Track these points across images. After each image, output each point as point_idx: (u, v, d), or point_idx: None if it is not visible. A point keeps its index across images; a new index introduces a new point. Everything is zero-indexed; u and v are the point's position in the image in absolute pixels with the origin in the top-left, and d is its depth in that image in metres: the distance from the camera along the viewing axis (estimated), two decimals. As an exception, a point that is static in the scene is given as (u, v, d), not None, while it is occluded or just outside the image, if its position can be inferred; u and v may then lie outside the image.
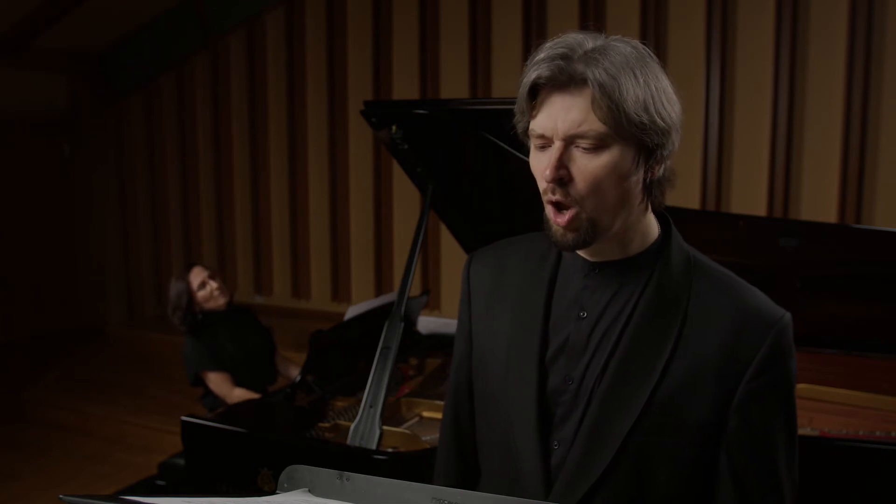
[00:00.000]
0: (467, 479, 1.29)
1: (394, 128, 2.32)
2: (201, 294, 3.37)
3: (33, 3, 5.50)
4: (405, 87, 5.69)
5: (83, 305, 6.71)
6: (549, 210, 1.08)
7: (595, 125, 1.01)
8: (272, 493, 0.96)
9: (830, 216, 4.55)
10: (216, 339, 3.37)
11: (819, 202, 4.63)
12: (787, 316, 1.09)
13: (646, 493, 1.08)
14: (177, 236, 6.90)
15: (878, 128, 4.47)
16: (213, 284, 3.40)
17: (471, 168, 2.63)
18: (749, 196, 4.77)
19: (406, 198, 5.72)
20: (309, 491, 0.96)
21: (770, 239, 2.73)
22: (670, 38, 4.90)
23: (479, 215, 2.77)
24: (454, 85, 5.50)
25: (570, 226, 1.06)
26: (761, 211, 4.72)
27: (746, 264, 2.86)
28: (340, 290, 6.20)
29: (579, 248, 1.10)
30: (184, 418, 2.39)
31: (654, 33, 4.89)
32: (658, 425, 1.06)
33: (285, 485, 0.97)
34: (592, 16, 5.05)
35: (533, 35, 5.16)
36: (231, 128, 6.50)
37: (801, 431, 2.35)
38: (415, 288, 4.27)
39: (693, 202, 4.88)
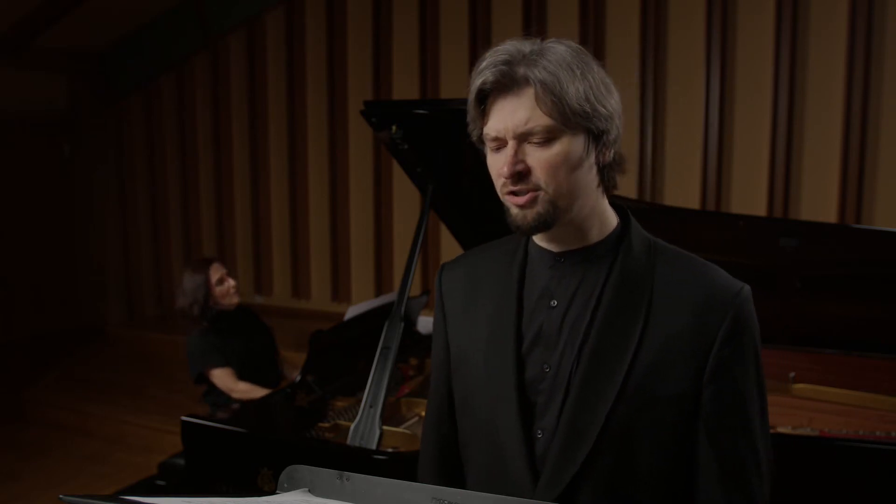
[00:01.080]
0: (452, 481, 1.30)
1: (394, 128, 2.32)
2: (219, 289, 3.36)
3: (33, 3, 5.50)
4: (405, 87, 5.69)
5: (83, 305, 6.71)
6: (507, 199, 1.13)
7: (542, 120, 1.08)
8: (272, 493, 0.96)
9: (830, 216, 4.55)
10: (222, 337, 3.36)
11: (819, 202, 4.63)
12: (746, 288, 1.15)
13: (632, 474, 1.12)
14: (177, 236, 6.90)
15: (878, 128, 4.47)
16: (230, 282, 3.40)
17: (471, 168, 2.63)
18: (749, 196, 4.77)
19: (406, 198, 5.72)
20: (309, 491, 0.96)
21: (770, 239, 2.73)
22: (670, 38, 4.90)
23: (479, 215, 2.77)
24: (454, 85, 5.50)
25: (529, 204, 1.11)
26: (761, 211, 4.72)
27: (746, 264, 2.87)
28: (340, 290, 6.20)
29: (541, 230, 1.14)
30: (184, 418, 2.38)
31: (654, 33, 4.89)
32: (636, 404, 1.10)
33: (285, 485, 0.97)
34: (592, 16, 5.05)
35: (533, 35, 5.14)
36: (231, 128, 6.50)
37: (800, 431, 2.36)
38: (415, 288, 4.28)
39: (693, 202, 4.88)
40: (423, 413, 2.58)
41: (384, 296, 3.79)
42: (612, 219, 1.20)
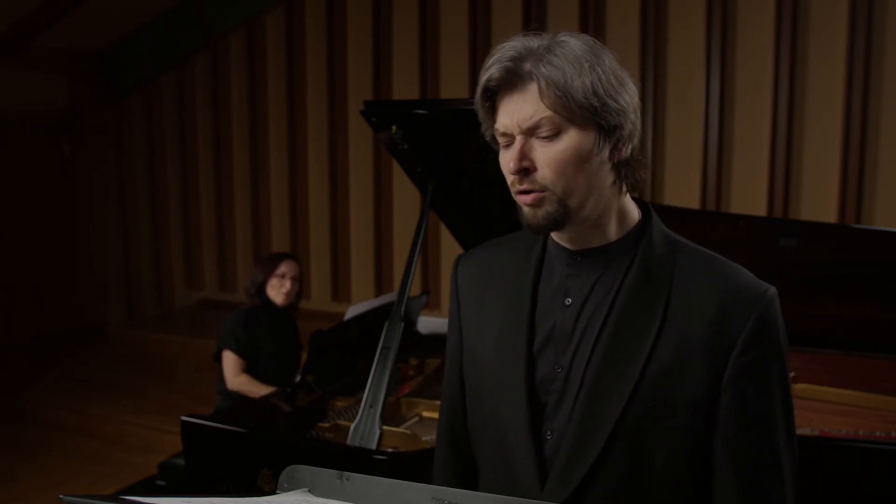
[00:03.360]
0: (465, 475, 1.29)
1: (394, 128, 2.32)
2: (274, 281, 3.43)
3: (33, 3, 5.50)
4: (405, 87, 5.69)
5: (83, 305, 6.71)
6: (518, 198, 1.12)
7: (546, 113, 1.05)
8: (272, 493, 0.96)
9: (830, 216, 4.55)
10: (256, 329, 3.42)
11: (819, 202, 4.63)
12: (772, 290, 1.10)
13: (643, 476, 1.08)
14: (177, 236, 6.90)
15: (878, 128, 4.47)
16: (287, 284, 3.45)
17: (471, 168, 2.63)
18: (749, 196, 4.78)
19: (406, 198, 5.72)
20: (309, 491, 0.96)
21: (770, 239, 2.73)
22: (670, 38, 4.90)
23: (479, 215, 2.77)
24: (454, 85, 5.50)
25: (537, 202, 1.09)
26: (761, 211, 4.72)
27: (746, 264, 2.87)
28: (340, 290, 6.20)
29: (553, 229, 1.11)
30: (184, 418, 2.38)
31: (654, 33, 4.89)
32: (649, 406, 1.07)
33: (285, 485, 0.97)
34: (592, 16, 5.06)
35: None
36: (231, 128, 6.50)
37: (800, 431, 2.36)
38: (415, 288, 4.28)
39: (693, 202, 4.88)
40: (424, 413, 2.58)
41: (384, 296, 3.79)
42: (633, 215, 1.16)
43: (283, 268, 3.44)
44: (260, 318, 3.44)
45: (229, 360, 3.37)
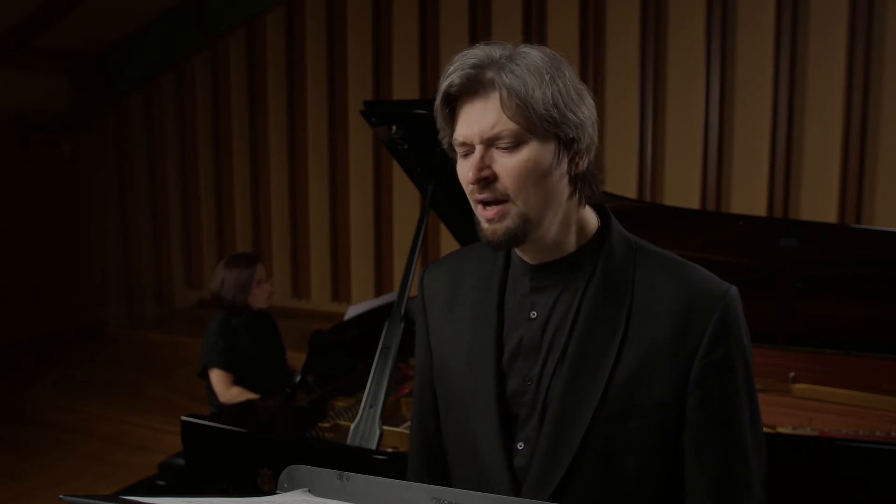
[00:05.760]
0: (438, 482, 1.29)
1: (394, 128, 2.32)
2: (257, 290, 3.37)
3: (33, 3, 5.50)
4: (405, 87, 5.69)
5: (83, 305, 6.71)
6: (477, 210, 1.11)
7: (508, 124, 1.05)
8: (272, 493, 0.96)
9: (830, 216, 4.55)
10: (238, 336, 3.37)
11: (819, 202, 4.63)
12: (733, 290, 1.11)
13: (615, 482, 1.10)
14: (177, 236, 6.90)
15: (878, 128, 4.47)
16: (268, 287, 3.42)
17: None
18: (749, 196, 4.77)
19: (406, 198, 5.72)
20: (309, 491, 0.96)
21: (770, 239, 2.73)
22: (670, 38, 4.90)
23: (479, 215, 2.76)
24: (454, 85, 5.49)
25: (498, 217, 1.08)
26: (761, 211, 4.72)
27: (746, 264, 2.87)
28: (340, 290, 6.20)
29: (512, 244, 1.11)
30: (184, 418, 2.39)
31: (654, 33, 4.89)
32: (618, 413, 1.08)
33: (285, 485, 0.97)
34: (592, 16, 5.05)
35: (533, 35, 5.16)
36: (231, 128, 6.50)
37: (800, 431, 2.36)
38: (415, 288, 4.26)
39: (693, 202, 4.88)
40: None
41: (384, 296, 3.79)
42: (592, 224, 1.16)
43: (258, 275, 3.37)
44: (236, 325, 3.37)
45: (217, 376, 3.30)
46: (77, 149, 6.68)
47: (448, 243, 5.29)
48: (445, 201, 2.70)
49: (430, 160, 2.47)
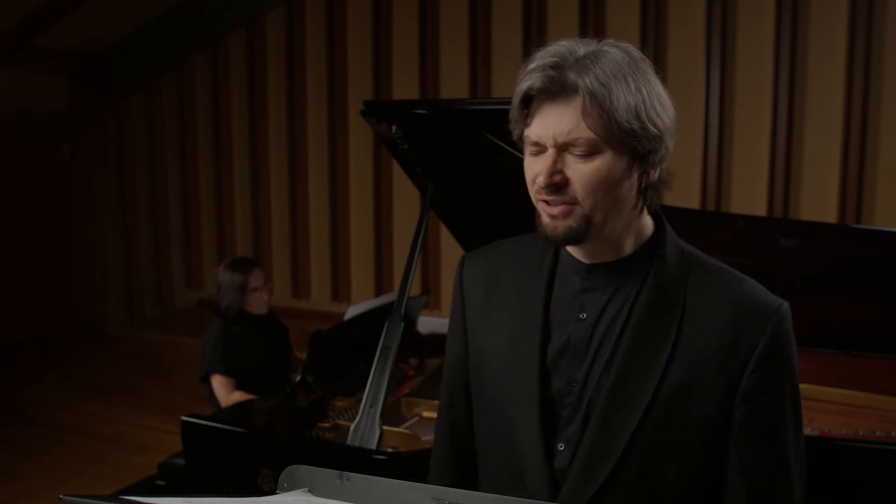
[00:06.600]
0: (464, 478, 1.29)
1: (394, 128, 2.32)
2: (253, 296, 3.36)
3: (33, 3, 5.50)
4: (405, 87, 5.69)
5: (83, 305, 6.71)
6: (540, 206, 1.10)
7: (586, 133, 1.03)
8: (272, 493, 0.96)
9: (830, 216, 4.55)
10: (238, 341, 3.35)
11: (819, 202, 4.63)
12: (785, 305, 1.10)
13: (656, 491, 1.09)
14: (177, 236, 6.90)
15: (878, 128, 4.47)
16: (265, 295, 3.41)
17: (471, 168, 2.63)
18: (749, 196, 4.77)
19: (406, 198, 5.72)
20: (309, 491, 0.96)
21: (770, 239, 2.73)
22: (670, 38, 4.90)
23: (479, 215, 2.77)
24: (454, 85, 5.50)
25: (562, 215, 1.07)
26: (761, 211, 4.71)
27: (746, 264, 2.86)
28: (340, 290, 6.20)
29: (571, 243, 1.10)
30: (184, 418, 2.39)
31: (654, 33, 4.89)
32: (664, 422, 1.07)
33: (285, 485, 0.97)
34: (592, 16, 5.05)
35: (533, 35, 5.16)
36: (231, 128, 6.50)
37: (801, 431, 2.35)
38: (415, 288, 4.27)
39: (693, 202, 4.88)
40: (424, 413, 2.58)
41: (384, 296, 3.79)
42: (648, 229, 1.15)
43: (255, 282, 3.36)
44: (236, 330, 3.36)
45: (219, 382, 3.29)
46: (77, 149, 6.68)
47: (448, 243, 5.29)
48: (445, 201, 2.70)
49: (430, 160, 2.47)
